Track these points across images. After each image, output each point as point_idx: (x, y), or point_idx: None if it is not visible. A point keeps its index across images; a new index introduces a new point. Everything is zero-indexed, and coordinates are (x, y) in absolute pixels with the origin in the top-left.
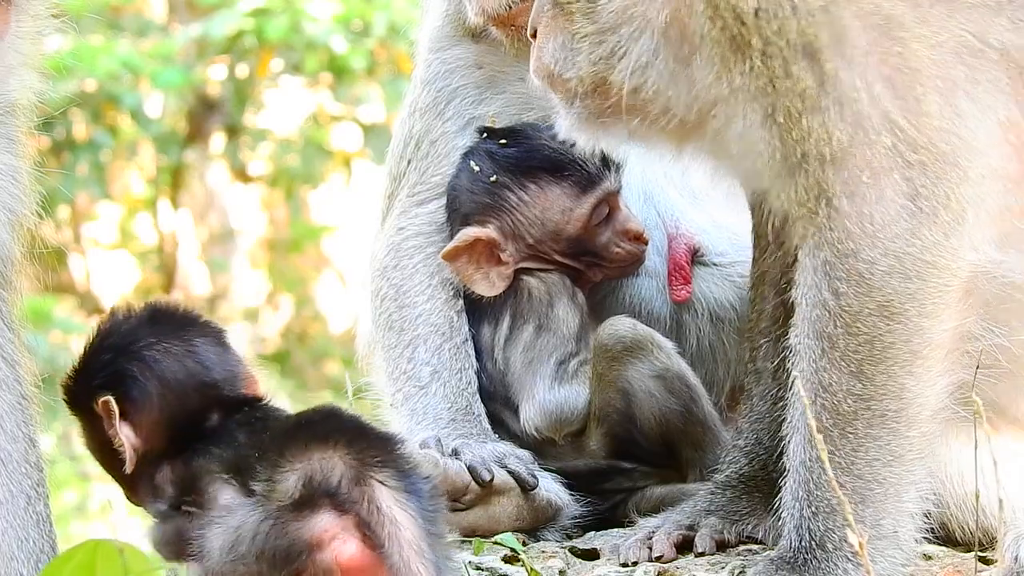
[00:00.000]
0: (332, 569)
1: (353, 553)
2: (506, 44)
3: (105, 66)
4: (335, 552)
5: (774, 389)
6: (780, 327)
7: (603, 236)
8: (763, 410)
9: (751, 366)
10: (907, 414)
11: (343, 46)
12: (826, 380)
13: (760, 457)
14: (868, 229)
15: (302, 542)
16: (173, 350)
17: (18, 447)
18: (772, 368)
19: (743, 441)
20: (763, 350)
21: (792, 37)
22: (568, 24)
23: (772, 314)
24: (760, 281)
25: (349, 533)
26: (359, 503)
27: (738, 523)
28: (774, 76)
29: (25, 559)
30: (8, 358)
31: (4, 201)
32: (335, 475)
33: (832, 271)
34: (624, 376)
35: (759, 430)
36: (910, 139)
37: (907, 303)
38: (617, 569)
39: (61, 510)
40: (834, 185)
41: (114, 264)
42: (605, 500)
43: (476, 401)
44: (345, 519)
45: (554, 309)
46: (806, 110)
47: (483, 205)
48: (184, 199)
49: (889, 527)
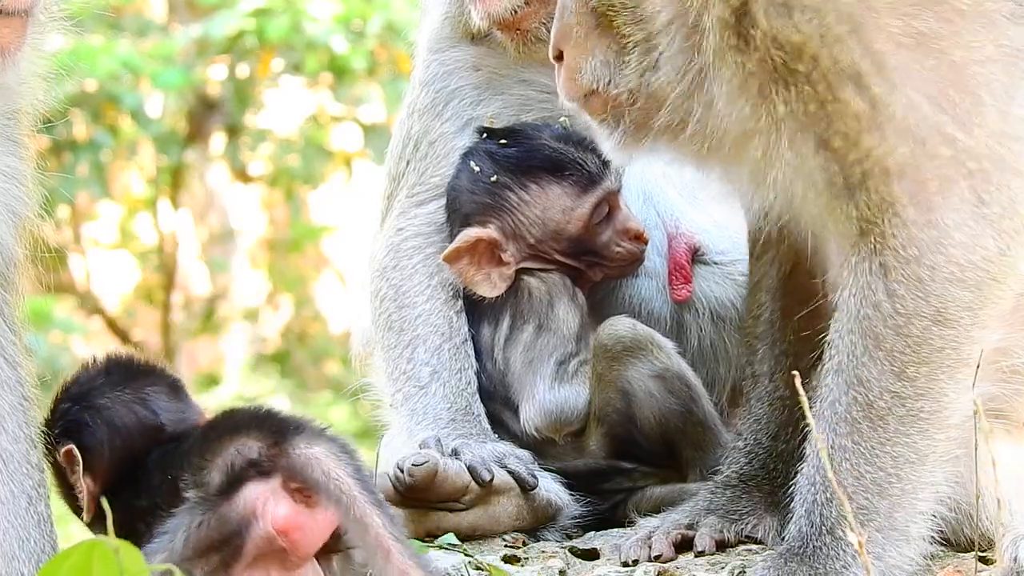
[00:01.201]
0: (271, 534)
1: (287, 513)
2: (509, 48)
3: (105, 66)
4: (269, 517)
5: (772, 391)
6: (778, 331)
7: (603, 235)
8: (761, 412)
9: (749, 369)
10: (940, 417)
11: (343, 46)
12: (864, 375)
13: (759, 457)
14: (933, 235)
15: (237, 519)
16: (123, 397)
17: (20, 448)
18: (769, 371)
19: (742, 442)
20: (760, 354)
21: (830, 65)
22: (611, 37)
23: (769, 319)
24: (757, 288)
25: (278, 495)
26: (281, 458)
27: (737, 523)
28: (824, 101)
29: (26, 559)
30: (10, 359)
31: (8, 203)
32: (252, 449)
33: (890, 274)
34: (624, 376)
35: (757, 431)
36: (968, 149)
37: (963, 312)
38: (617, 569)
39: (62, 510)
40: (901, 196)
41: (114, 264)
42: (605, 500)
43: (476, 401)
44: (272, 482)
45: (554, 309)
46: (863, 130)
47: (484, 205)
48: (184, 199)
49: (901, 521)
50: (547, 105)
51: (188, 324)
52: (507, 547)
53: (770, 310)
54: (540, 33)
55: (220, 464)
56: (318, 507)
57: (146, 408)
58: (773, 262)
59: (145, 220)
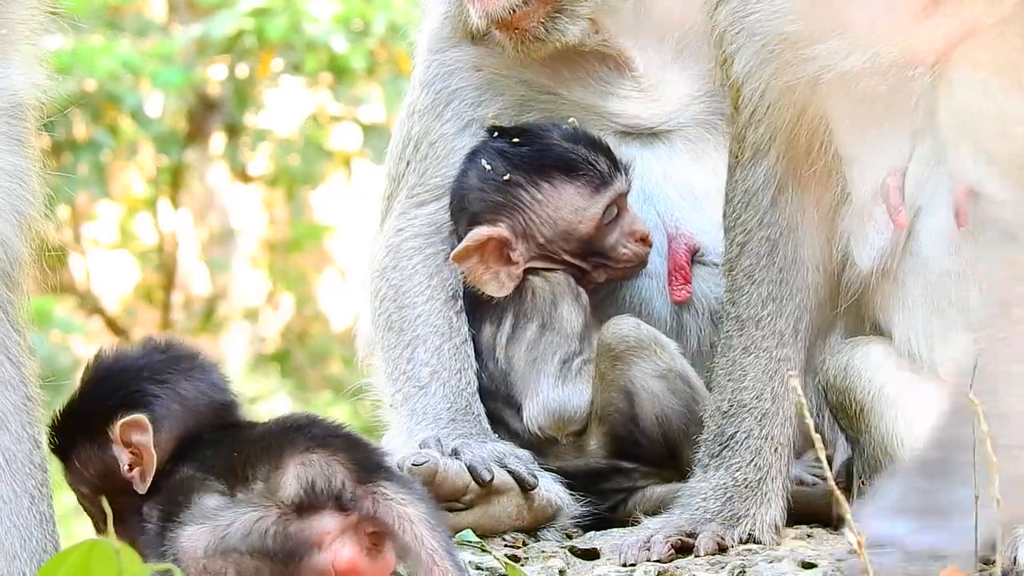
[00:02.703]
0: (327, 570)
1: (351, 556)
2: (508, 47)
3: (105, 66)
4: (333, 553)
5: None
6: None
7: (611, 237)
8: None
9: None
10: None
11: (343, 46)
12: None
13: (743, 420)
14: None
15: (303, 542)
16: (191, 374)
17: (23, 447)
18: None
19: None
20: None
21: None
22: None
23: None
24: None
25: (349, 536)
26: (363, 499)
27: (736, 528)
28: None
29: (28, 558)
30: (14, 359)
31: (12, 203)
32: (338, 478)
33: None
34: (627, 376)
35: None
36: None
37: None
38: (617, 569)
39: (63, 510)
40: None
41: (114, 264)
42: (605, 500)
43: (476, 401)
44: (347, 519)
45: (558, 308)
46: None
47: (494, 204)
48: (184, 199)
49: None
50: (548, 106)
51: (188, 324)
52: (507, 547)
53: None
54: (539, 32)
55: (300, 475)
56: (382, 556)
57: (211, 386)
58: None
59: (145, 220)
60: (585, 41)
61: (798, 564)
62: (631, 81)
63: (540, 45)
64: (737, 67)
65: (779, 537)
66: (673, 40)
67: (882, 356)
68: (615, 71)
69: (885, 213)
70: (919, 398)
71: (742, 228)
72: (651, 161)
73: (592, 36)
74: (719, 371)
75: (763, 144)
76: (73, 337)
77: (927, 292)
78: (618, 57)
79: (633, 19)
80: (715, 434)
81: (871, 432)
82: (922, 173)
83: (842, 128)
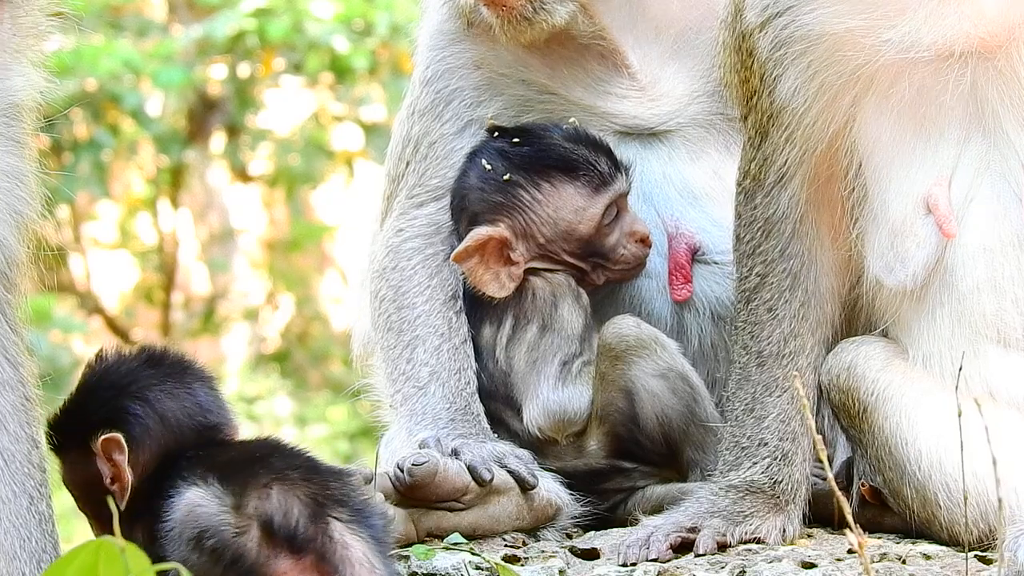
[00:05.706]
0: None
1: None
2: (496, 27)
3: (106, 66)
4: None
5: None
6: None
7: (612, 237)
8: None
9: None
10: None
11: (345, 46)
12: None
13: (764, 459)
14: None
15: (253, 566)
16: (173, 391)
17: (21, 447)
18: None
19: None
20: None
21: None
22: None
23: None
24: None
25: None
26: (314, 540)
27: (741, 525)
28: None
29: (27, 559)
30: (12, 359)
31: (10, 204)
32: (293, 516)
33: None
34: (627, 375)
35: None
36: None
37: None
38: (617, 569)
39: (62, 510)
40: None
41: (114, 264)
42: (605, 500)
43: (475, 401)
44: (299, 563)
45: (558, 309)
46: None
47: (495, 204)
48: (184, 199)
49: None
50: (548, 106)
51: (188, 324)
52: (507, 547)
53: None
54: (526, 11)
55: (258, 508)
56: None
57: (196, 405)
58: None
59: (145, 220)
60: (576, 28)
61: (798, 564)
62: (628, 80)
63: (527, 25)
64: (781, 88)
65: (784, 541)
66: (670, 38)
67: (886, 357)
68: (612, 70)
69: (928, 226)
70: (923, 399)
71: (762, 258)
72: (650, 161)
73: (584, 24)
74: (737, 403)
75: (791, 167)
76: (73, 337)
77: (959, 306)
78: (614, 54)
79: (627, 13)
80: (732, 466)
81: (874, 432)
82: (966, 181)
83: (884, 140)
